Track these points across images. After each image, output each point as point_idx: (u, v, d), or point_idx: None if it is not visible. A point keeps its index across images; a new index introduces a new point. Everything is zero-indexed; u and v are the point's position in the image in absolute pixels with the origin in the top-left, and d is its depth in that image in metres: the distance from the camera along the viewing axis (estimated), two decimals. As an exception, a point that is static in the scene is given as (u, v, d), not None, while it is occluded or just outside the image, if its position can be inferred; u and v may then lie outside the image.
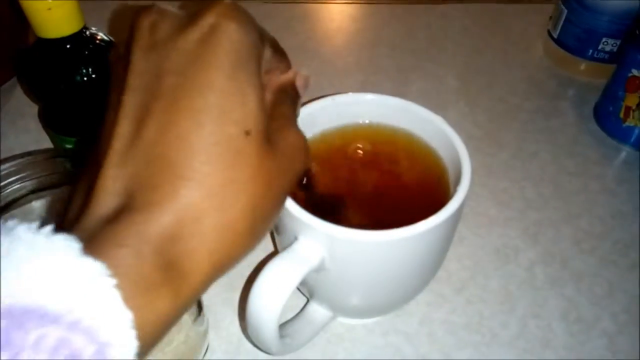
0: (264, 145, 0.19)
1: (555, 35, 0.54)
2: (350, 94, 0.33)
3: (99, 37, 0.34)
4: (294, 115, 0.23)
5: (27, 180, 0.29)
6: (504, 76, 0.55)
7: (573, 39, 0.52)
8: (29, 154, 0.30)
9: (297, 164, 0.21)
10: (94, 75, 0.33)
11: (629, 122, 0.46)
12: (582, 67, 0.53)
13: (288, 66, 0.25)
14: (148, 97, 0.19)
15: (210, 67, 0.19)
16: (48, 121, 0.36)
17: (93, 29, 0.34)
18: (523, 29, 0.61)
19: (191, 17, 0.20)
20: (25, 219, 0.16)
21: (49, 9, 0.29)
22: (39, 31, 0.30)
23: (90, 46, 0.33)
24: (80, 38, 0.32)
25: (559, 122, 0.50)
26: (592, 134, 0.48)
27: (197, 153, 0.18)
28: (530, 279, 0.38)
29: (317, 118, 0.32)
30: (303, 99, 0.26)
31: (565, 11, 0.52)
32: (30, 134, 0.47)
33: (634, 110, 0.45)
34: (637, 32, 0.44)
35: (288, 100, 0.23)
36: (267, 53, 0.22)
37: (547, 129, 0.49)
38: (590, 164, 0.46)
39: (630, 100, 0.45)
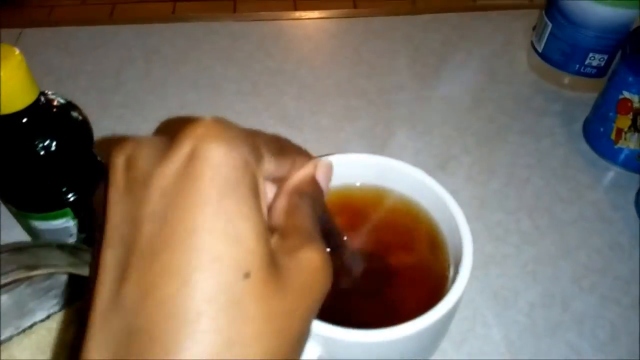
0: (269, 284, 0.17)
1: (539, 50, 0.52)
2: (339, 155, 0.30)
3: (56, 103, 0.31)
4: (313, 222, 0.20)
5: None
6: (491, 92, 0.53)
7: (558, 53, 0.50)
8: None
9: (315, 292, 0.18)
10: (54, 146, 0.30)
11: (621, 144, 0.44)
12: (569, 81, 0.52)
13: (304, 159, 0.22)
14: (127, 252, 0.16)
15: (192, 206, 0.16)
16: (9, 198, 0.33)
17: (49, 92, 0.31)
18: (506, 39, 0.59)
19: (169, 145, 0.17)
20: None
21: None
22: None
23: (48, 115, 0.30)
24: (36, 108, 0.29)
25: (549, 142, 0.48)
26: (583, 154, 0.47)
27: (186, 321, 0.15)
28: (532, 325, 0.36)
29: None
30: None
31: (550, 25, 0.50)
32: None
33: (625, 132, 0.44)
34: (627, 51, 0.42)
35: (306, 203, 0.21)
36: (268, 161, 0.19)
37: (538, 151, 0.47)
38: (583, 189, 0.44)
39: (622, 123, 0.44)
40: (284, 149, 0.20)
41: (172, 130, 0.18)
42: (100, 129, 0.49)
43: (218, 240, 0.16)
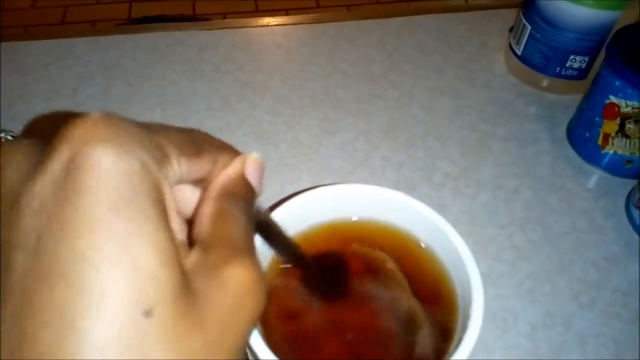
0: (180, 320, 0.13)
1: (518, 52, 0.51)
2: (333, 186, 0.28)
3: (4, 140, 0.28)
4: (245, 230, 0.17)
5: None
6: (470, 99, 0.51)
7: (539, 56, 0.49)
8: None
9: (244, 318, 0.15)
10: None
11: (608, 149, 0.43)
12: (549, 84, 0.51)
13: (229, 156, 0.18)
14: None
15: (72, 229, 0.13)
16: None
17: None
18: (482, 41, 0.57)
19: (43, 152, 0.14)
20: None
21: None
22: None
23: None
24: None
25: (534, 149, 0.47)
26: (569, 161, 0.46)
27: None
28: (534, 348, 0.35)
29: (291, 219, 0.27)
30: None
31: (529, 27, 0.49)
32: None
33: (613, 137, 0.43)
34: (612, 54, 0.41)
35: (237, 207, 0.17)
36: (177, 162, 0.16)
37: (524, 159, 0.46)
38: (573, 198, 0.43)
39: (609, 127, 0.42)
40: (201, 145, 0.17)
41: (46, 131, 0.14)
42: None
43: (108, 270, 0.13)
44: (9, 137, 0.28)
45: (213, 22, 0.58)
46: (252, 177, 0.19)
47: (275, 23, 0.59)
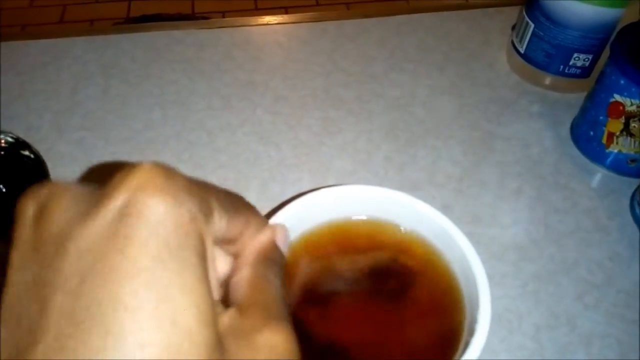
0: None
1: (521, 50, 0.50)
2: (336, 188, 0.27)
3: (3, 143, 0.27)
4: (280, 295, 0.17)
5: None
6: (472, 97, 0.51)
7: (542, 54, 0.49)
8: None
9: None
10: (2, 192, 0.26)
11: (612, 148, 0.43)
12: (552, 82, 0.50)
13: (259, 221, 0.19)
14: (24, 336, 0.12)
15: (116, 275, 0.13)
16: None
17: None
18: (483, 39, 0.57)
19: (95, 197, 0.14)
20: None
21: None
22: None
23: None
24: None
25: (538, 148, 0.46)
26: (573, 160, 0.45)
27: None
28: (539, 349, 0.34)
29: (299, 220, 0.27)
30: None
31: (532, 25, 0.48)
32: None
33: (617, 136, 0.42)
34: (616, 53, 0.41)
35: (273, 273, 0.18)
36: (219, 219, 0.16)
37: (527, 158, 0.46)
38: (577, 197, 0.43)
39: (613, 126, 0.42)
40: (237, 206, 0.17)
41: (102, 178, 0.14)
42: (57, 156, 0.44)
43: (147, 321, 0.12)
44: (9, 139, 0.28)
45: (212, 21, 0.58)
46: (281, 244, 0.19)
47: (276, 22, 0.59)
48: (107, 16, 1.69)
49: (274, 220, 0.25)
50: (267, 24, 0.58)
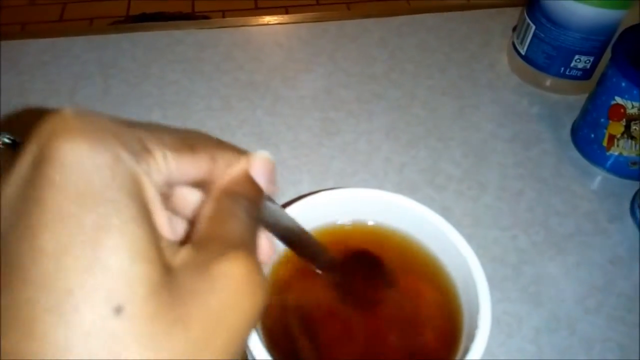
0: (157, 318, 0.12)
1: (522, 52, 0.50)
2: (335, 190, 0.27)
3: (0, 143, 0.27)
4: (247, 227, 0.16)
5: None
6: (473, 99, 0.51)
7: (543, 56, 0.48)
8: None
9: (237, 315, 0.14)
10: None
11: (613, 151, 0.43)
12: (553, 84, 0.50)
13: (231, 155, 0.18)
14: None
15: (32, 225, 0.12)
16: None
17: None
18: (484, 40, 0.57)
19: (16, 150, 0.14)
20: None
21: None
22: None
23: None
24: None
25: (538, 150, 0.46)
26: (573, 162, 0.45)
27: None
28: (539, 353, 0.34)
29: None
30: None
31: (533, 27, 0.48)
32: None
33: (618, 139, 0.42)
34: (617, 55, 0.40)
35: (240, 206, 0.16)
36: (163, 157, 0.15)
37: (528, 160, 0.45)
38: (577, 199, 0.43)
39: (614, 129, 0.42)
40: (194, 143, 0.16)
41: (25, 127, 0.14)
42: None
43: (72, 266, 0.12)
44: (6, 140, 0.28)
45: (212, 21, 0.58)
46: (259, 176, 0.18)
47: (276, 22, 0.58)
48: (107, 14, 1.69)
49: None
50: (267, 24, 0.58)
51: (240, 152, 0.18)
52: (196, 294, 0.13)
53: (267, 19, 0.59)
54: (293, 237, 0.21)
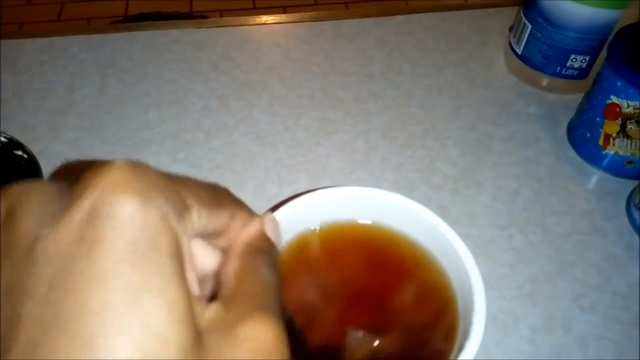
0: None
1: (519, 52, 0.50)
2: (331, 189, 0.27)
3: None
4: (270, 286, 0.17)
5: None
6: (470, 98, 0.51)
7: (539, 55, 0.49)
8: None
9: None
10: None
11: (609, 150, 0.43)
12: (549, 83, 0.50)
13: (246, 215, 0.18)
14: None
15: (85, 281, 0.12)
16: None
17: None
18: (481, 40, 0.57)
19: (64, 198, 0.14)
20: None
21: None
22: None
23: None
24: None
25: (535, 149, 0.46)
26: (569, 161, 0.45)
27: None
28: (535, 352, 0.34)
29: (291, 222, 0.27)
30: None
31: (529, 26, 0.48)
32: None
33: (614, 138, 0.42)
34: (613, 55, 0.40)
35: (262, 261, 0.17)
36: (198, 215, 0.15)
37: (524, 159, 0.45)
38: (573, 199, 0.43)
39: (610, 128, 0.42)
40: (220, 200, 0.17)
41: (72, 176, 0.14)
42: (53, 156, 0.44)
43: (116, 326, 0.12)
44: (2, 139, 0.28)
45: (210, 20, 0.58)
46: (272, 235, 0.19)
47: (273, 21, 0.58)
48: (105, 14, 1.69)
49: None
50: (265, 24, 0.58)
51: (252, 211, 0.19)
52: (221, 356, 0.14)
53: (265, 18, 0.59)
54: None
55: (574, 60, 0.47)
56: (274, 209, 0.28)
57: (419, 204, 0.27)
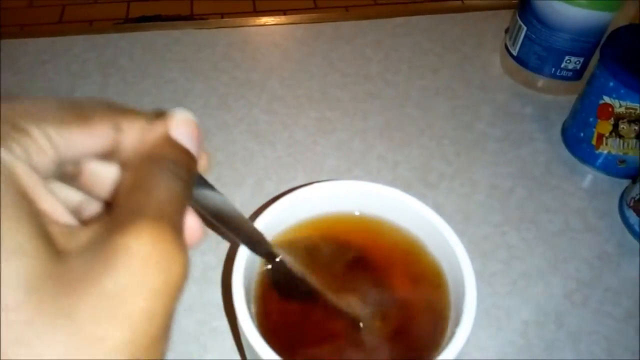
0: (37, 317, 0.11)
1: (514, 53, 0.51)
2: (327, 183, 0.28)
3: None
4: (167, 196, 0.14)
5: None
6: (466, 99, 0.51)
7: (534, 57, 0.49)
8: None
9: (141, 303, 0.12)
10: None
11: (602, 149, 0.44)
12: (544, 84, 0.51)
13: (140, 120, 0.16)
14: None
15: None
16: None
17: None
18: (477, 41, 0.58)
19: None
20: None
21: None
22: None
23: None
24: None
25: (529, 149, 0.47)
26: (563, 161, 0.46)
27: None
28: (527, 345, 0.35)
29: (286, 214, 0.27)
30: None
31: (525, 28, 0.49)
32: None
33: (607, 138, 0.43)
34: (606, 55, 0.41)
35: (162, 170, 0.14)
36: (44, 133, 0.13)
37: (519, 159, 0.46)
38: (567, 197, 0.43)
39: (603, 128, 0.43)
40: (89, 113, 0.15)
41: None
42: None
43: None
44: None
45: (210, 22, 0.59)
46: (183, 138, 0.16)
47: (273, 22, 0.59)
48: (106, 17, 1.70)
49: (262, 217, 0.25)
50: (265, 25, 0.59)
51: (154, 116, 0.16)
52: (87, 279, 0.11)
53: (264, 19, 0.59)
54: (227, 220, 0.19)
55: (568, 61, 0.48)
56: (267, 204, 0.28)
57: (415, 199, 0.27)
